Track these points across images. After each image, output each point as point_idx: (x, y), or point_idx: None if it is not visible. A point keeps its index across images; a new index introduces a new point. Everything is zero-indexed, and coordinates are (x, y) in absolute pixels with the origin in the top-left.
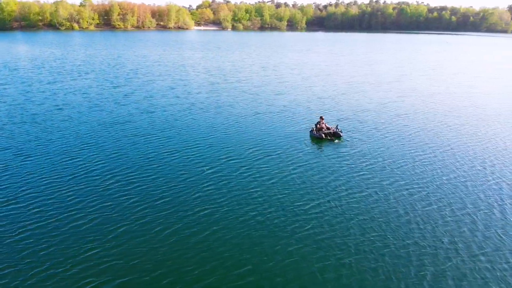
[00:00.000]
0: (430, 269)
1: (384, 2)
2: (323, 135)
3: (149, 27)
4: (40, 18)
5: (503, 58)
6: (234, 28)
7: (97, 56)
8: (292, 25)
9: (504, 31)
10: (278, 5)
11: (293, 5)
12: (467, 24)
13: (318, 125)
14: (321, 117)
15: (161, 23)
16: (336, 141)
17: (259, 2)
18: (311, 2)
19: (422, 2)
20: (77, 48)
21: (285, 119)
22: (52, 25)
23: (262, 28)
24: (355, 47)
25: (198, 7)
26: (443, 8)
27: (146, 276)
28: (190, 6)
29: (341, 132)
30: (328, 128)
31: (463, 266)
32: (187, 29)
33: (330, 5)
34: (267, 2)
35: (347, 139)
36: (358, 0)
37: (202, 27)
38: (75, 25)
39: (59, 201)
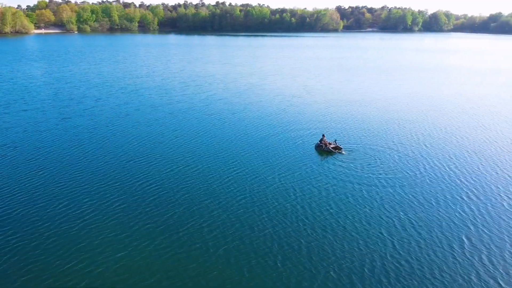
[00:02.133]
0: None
1: (230, 4)
2: (332, 149)
3: None
4: None
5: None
6: (80, 30)
7: None
8: (144, 26)
9: (336, 30)
10: (126, 5)
11: (140, 5)
12: (305, 25)
13: (323, 141)
14: (323, 135)
15: None
16: (344, 152)
17: (104, 2)
18: (159, 2)
19: (264, 4)
20: None
21: (288, 136)
22: None
23: (112, 29)
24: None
25: (34, 8)
26: (283, 10)
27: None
28: (19, 6)
29: (341, 146)
30: (330, 144)
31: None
32: (26, 33)
33: (179, 6)
34: (113, 2)
35: (348, 150)
36: (205, 1)
37: (43, 30)
38: None
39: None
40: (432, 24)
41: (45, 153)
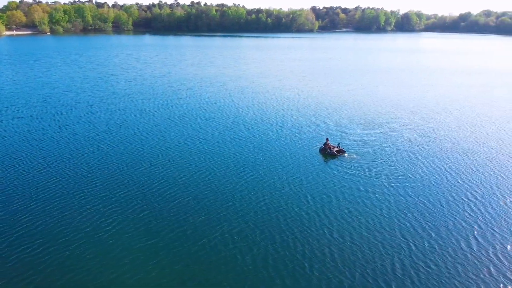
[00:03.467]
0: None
1: (205, 4)
2: (336, 152)
3: None
4: None
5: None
6: (53, 31)
7: None
8: (118, 27)
9: (311, 30)
10: (99, 5)
11: (114, 5)
12: (281, 25)
13: (327, 145)
14: (327, 139)
15: None
16: (348, 155)
17: (76, 2)
18: (133, 2)
19: (239, 4)
20: None
21: (292, 140)
22: None
23: (85, 30)
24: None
25: (4, 9)
26: (259, 11)
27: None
28: None
29: (344, 149)
30: (334, 147)
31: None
32: None
33: (154, 6)
34: (85, 2)
35: (354, 154)
36: (180, 1)
37: (14, 32)
38: None
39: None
40: (404, 24)
41: (53, 162)
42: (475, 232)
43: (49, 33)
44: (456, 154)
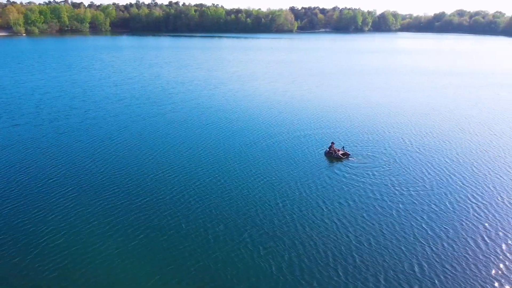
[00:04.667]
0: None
1: (184, 4)
2: (341, 156)
3: None
4: None
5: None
6: (28, 32)
7: None
8: (95, 27)
9: (290, 30)
10: (75, 5)
11: (90, 5)
12: (260, 25)
13: (332, 149)
14: (332, 143)
15: None
16: (353, 159)
17: (51, 2)
18: (110, 2)
19: (218, 4)
20: None
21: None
22: None
23: (62, 31)
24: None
25: None
26: (238, 11)
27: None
28: None
29: (349, 152)
30: (339, 150)
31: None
32: None
33: (131, 5)
34: (61, 2)
35: (357, 157)
36: (158, 1)
37: None
38: None
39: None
40: (381, 24)
41: (63, 171)
42: (484, 232)
43: (24, 34)
44: (454, 155)
